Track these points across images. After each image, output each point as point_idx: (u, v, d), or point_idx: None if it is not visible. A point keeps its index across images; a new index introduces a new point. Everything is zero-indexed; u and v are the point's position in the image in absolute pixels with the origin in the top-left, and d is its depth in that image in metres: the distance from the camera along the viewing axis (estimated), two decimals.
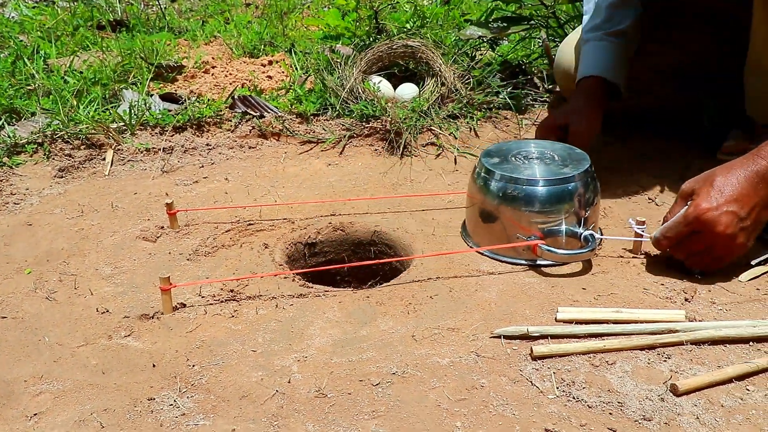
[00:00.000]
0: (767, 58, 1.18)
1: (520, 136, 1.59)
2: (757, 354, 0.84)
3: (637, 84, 1.47)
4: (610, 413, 0.75)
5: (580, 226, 1.05)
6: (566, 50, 1.54)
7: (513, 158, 1.11)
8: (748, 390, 0.78)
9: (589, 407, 0.76)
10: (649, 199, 1.26)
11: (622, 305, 0.94)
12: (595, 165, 1.08)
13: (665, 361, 0.83)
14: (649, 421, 0.74)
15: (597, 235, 1.06)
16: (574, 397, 0.78)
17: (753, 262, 1.01)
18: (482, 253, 1.09)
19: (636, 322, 0.89)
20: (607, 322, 0.90)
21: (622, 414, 0.75)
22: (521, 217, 1.05)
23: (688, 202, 0.97)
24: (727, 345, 0.85)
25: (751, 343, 0.85)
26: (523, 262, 1.06)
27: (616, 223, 1.18)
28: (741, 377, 0.80)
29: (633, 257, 1.07)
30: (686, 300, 0.95)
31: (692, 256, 0.99)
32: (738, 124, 1.33)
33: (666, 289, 0.97)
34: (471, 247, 1.12)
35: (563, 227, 1.05)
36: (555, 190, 1.04)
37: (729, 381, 0.79)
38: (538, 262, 1.06)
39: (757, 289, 0.97)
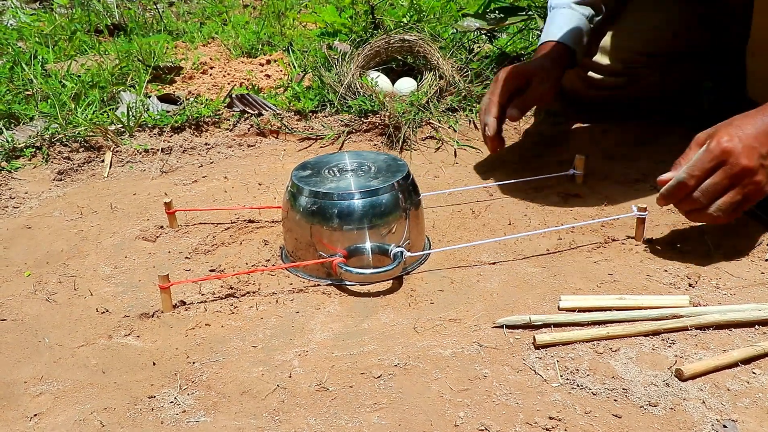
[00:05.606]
0: None
1: (519, 128, 1.58)
2: (762, 337, 0.83)
3: (623, 71, 1.46)
4: (615, 400, 0.74)
5: (393, 242, 0.99)
6: None
7: (326, 171, 1.04)
8: (754, 373, 0.77)
9: (594, 394, 0.75)
10: (652, 185, 1.25)
11: (625, 292, 0.93)
12: (595, 152, 1.06)
13: (670, 346, 0.82)
14: (655, 406, 0.73)
15: (407, 253, 0.98)
16: (578, 385, 0.77)
17: None
18: (291, 271, 1.04)
19: (640, 308, 0.88)
20: (610, 309, 0.89)
21: (627, 400, 0.74)
22: (323, 233, 0.99)
23: (704, 147, 0.95)
24: (732, 329, 0.84)
25: (756, 326, 0.84)
26: (330, 281, 1.00)
27: (618, 210, 1.17)
28: (747, 361, 0.79)
29: (635, 244, 1.06)
30: (690, 285, 0.94)
31: (718, 198, 0.94)
32: (739, 108, 1.31)
33: (669, 275, 0.96)
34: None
35: (367, 245, 0.98)
36: (360, 204, 0.97)
37: (735, 365, 0.78)
38: (345, 283, 0.99)
39: (762, 273, 0.96)
